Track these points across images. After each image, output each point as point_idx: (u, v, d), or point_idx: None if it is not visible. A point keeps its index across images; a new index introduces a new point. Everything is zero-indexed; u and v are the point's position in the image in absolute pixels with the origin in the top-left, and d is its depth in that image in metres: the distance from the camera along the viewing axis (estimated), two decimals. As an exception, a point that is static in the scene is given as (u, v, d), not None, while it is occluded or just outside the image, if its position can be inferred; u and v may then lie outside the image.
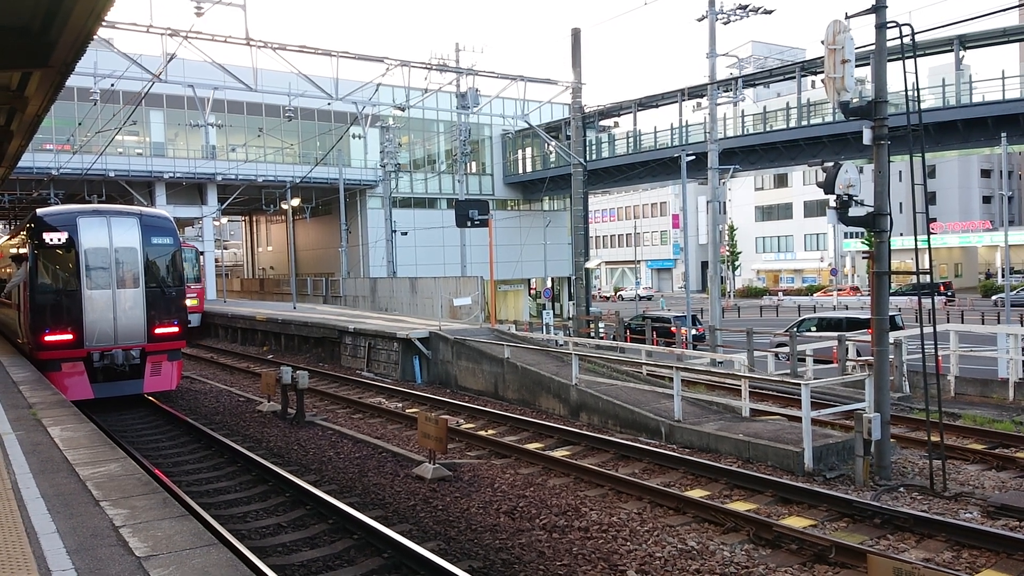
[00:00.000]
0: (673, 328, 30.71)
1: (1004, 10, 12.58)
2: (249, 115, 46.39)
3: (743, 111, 44.77)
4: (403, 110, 32.67)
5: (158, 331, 16.42)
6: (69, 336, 15.61)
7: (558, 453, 12.21)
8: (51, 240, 15.81)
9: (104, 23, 10.41)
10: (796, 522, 8.66)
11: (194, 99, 35.45)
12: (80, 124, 37.67)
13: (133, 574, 4.58)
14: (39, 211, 16.77)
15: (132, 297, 16.26)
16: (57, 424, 9.35)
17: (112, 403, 16.59)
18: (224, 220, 65.72)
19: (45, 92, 10.10)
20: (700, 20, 27.39)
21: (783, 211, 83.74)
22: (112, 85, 26.59)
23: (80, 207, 17.39)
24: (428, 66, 27.97)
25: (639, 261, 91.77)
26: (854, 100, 10.92)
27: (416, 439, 11.84)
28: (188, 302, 29.92)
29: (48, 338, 15.51)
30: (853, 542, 7.86)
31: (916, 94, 10.88)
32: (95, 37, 8.26)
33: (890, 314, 12.69)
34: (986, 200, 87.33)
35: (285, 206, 46.85)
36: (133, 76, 24.27)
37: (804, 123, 39.53)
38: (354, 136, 44.50)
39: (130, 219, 16.66)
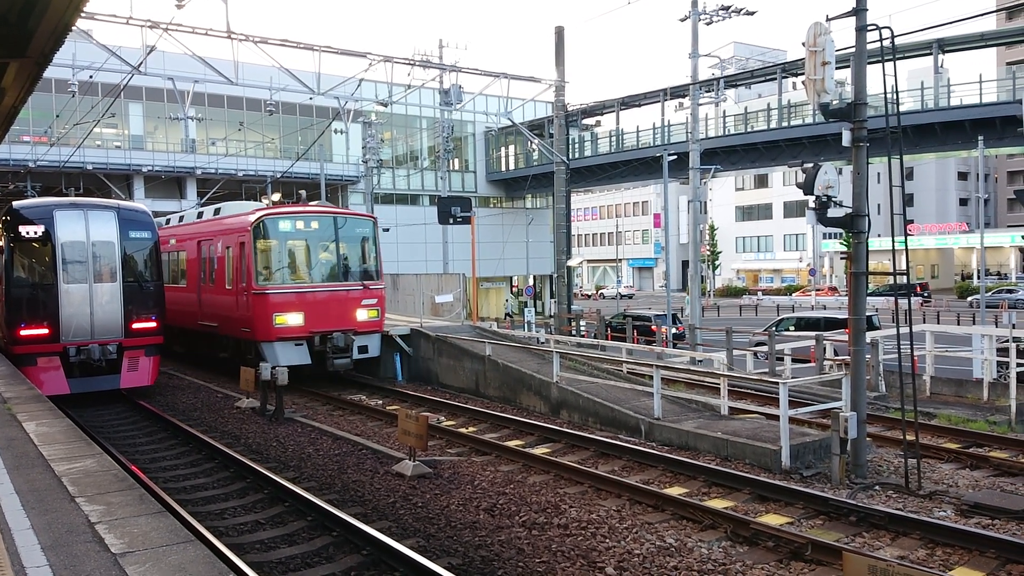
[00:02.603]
0: (653, 327, 30.86)
1: (983, 14, 12.74)
2: (230, 109, 46.00)
3: (725, 111, 45.04)
4: (386, 106, 32.54)
5: (135, 326, 16.28)
6: (45, 330, 15.44)
7: (538, 450, 12.24)
8: (27, 233, 15.63)
9: (83, 14, 10.30)
10: (773, 519, 8.74)
11: (174, 92, 35.02)
12: (58, 116, 37.20)
13: (109, 571, 4.55)
14: (15, 204, 16.58)
15: (109, 291, 16.11)
16: (32, 419, 9.25)
17: (88, 398, 16.43)
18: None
19: (22, 83, 9.98)
20: (683, 20, 27.51)
21: (763, 211, 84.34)
22: (91, 77, 26.27)
23: (57, 200, 17.20)
24: (411, 62, 27.89)
25: (620, 260, 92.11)
26: (834, 102, 11.00)
27: (396, 436, 11.82)
28: (363, 314, 18.51)
29: (23, 332, 15.33)
30: (829, 539, 7.94)
31: (895, 97, 10.99)
32: (74, 28, 8.16)
33: (867, 314, 12.82)
34: (963, 202, 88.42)
35: (265, 201, 46.49)
36: (112, 68, 23.98)
37: (784, 124, 39.83)
38: (336, 131, 44.28)
39: (108, 212, 16.51)
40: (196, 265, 21.15)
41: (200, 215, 22.97)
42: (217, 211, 21.75)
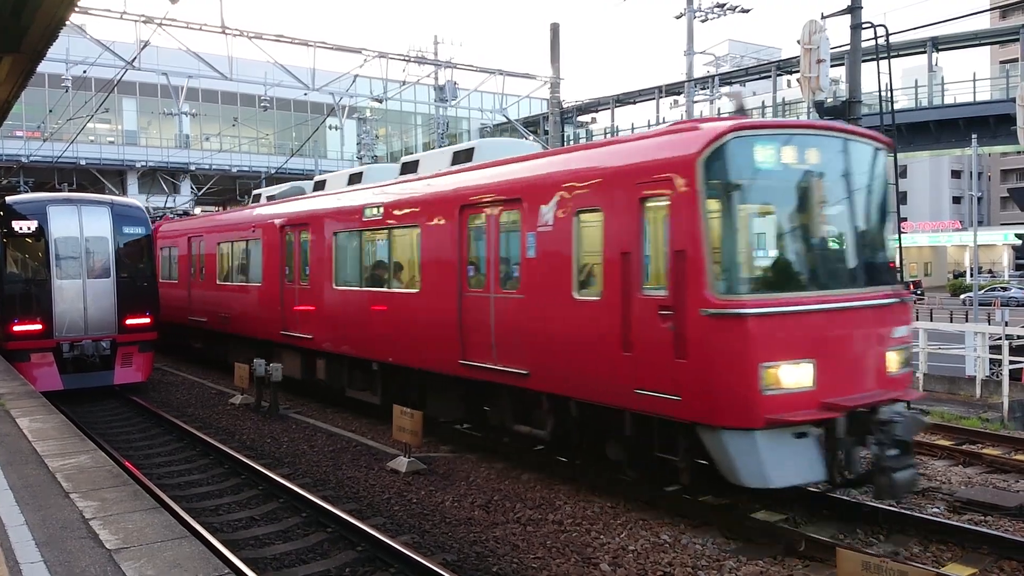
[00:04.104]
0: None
1: (976, 13, 12.80)
2: (224, 104, 45.94)
3: (719, 109, 45.05)
4: (380, 102, 32.55)
5: (129, 322, 16.25)
6: (38, 326, 15.41)
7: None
8: (20, 228, 15.60)
9: (77, 9, 10.28)
10: (767, 515, 8.76)
11: (168, 87, 35.07)
12: (51, 111, 37.08)
13: (104, 567, 4.54)
14: (8, 199, 16.56)
15: (103, 287, 16.08)
16: (26, 415, 9.23)
17: (82, 395, 16.39)
18: (198, 211, 65.11)
19: (16, 78, 9.97)
20: (678, 17, 27.59)
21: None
22: (84, 72, 26.22)
23: (50, 195, 17.20)
24: (406, 58, 27.89)
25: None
26: (828, 100, 11.05)
27: (391, 433, 11.81)
28: (894, 360, 8.37)
29: (17, 328, 15.31)
30: (823, 535, 7.96)
31: (890, 94, 11.02)
32: (67, 23, 8.14)
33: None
34: (956, 200, 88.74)
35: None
36: (106, 63, 23.93)
37: (779, 122, 39.85)
38: (330, 127, 44.25)
39: (101, 208, 16.48)
40: (444, 254, 11.25)
41: (412, 166, 13.30)
42: (460, 157, 12.23)
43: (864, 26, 10.91)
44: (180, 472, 10.97)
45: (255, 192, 20.13)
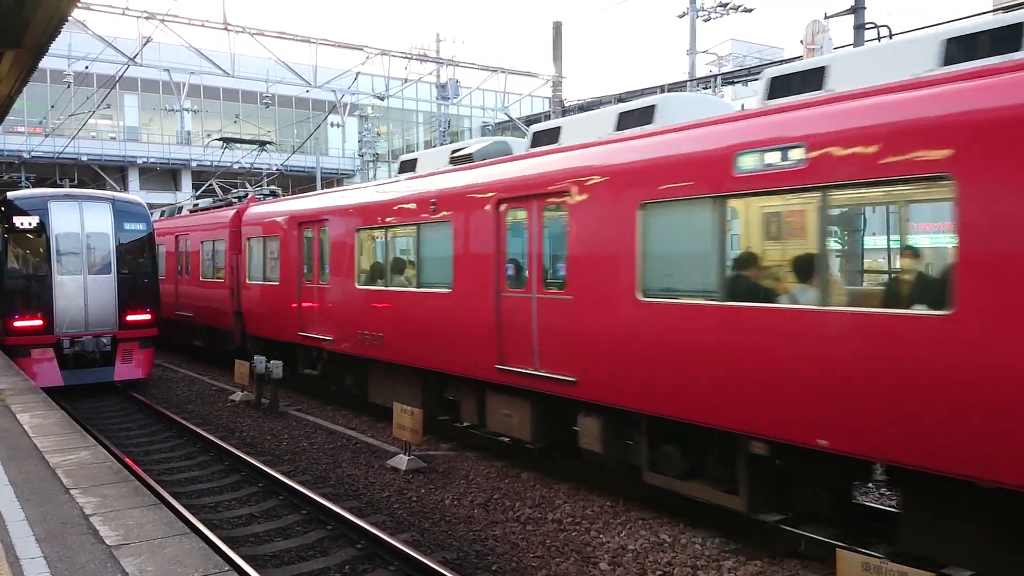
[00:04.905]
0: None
1: (979, 14, 12.80)
2: (225, 101, 45.93)
3: (722, 108, 44.97)
4: (382, 99, 32.53)
5: (130, 318, 16.28)
6: (39, 322, 15.44)
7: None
8: (21, 224, 15.62)
9: (79, 4, 10.27)
10: (767, 515, 8.75)
11: (170, 83, 35.06)
12: (53, 107, 37.09)
13: (104, 563, 4.55)
14: (10, 194, 16.58)
15: (103, 283, 16.10)
16: (26, 411, 9.24)
17: (83, 390, 16.40)
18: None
19: (18, 73, 9.97)
20: (681, 17, 27.56)
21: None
22: (86, 68, 26.24)
23: (52, 191, 17.19)
24: (408, 55, 27.91)
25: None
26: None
27: (391, 430, 11.82)
28: None
29: (17, 323, 15.34)
30: (823, 536, 7.95)
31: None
32: (69, 18, 8.14)
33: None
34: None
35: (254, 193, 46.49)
36: (108, 59, 23.94)
37: (781, 121, 39.76)
38: (332, 125, 44.23)
39: (102, 204, 16.50)
40: None
41: (808, 80, 7.12)
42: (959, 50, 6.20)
43: (867, 26, 10.90)
44: (180, 468, 10.97)
45: (404, 159, 13.79)
